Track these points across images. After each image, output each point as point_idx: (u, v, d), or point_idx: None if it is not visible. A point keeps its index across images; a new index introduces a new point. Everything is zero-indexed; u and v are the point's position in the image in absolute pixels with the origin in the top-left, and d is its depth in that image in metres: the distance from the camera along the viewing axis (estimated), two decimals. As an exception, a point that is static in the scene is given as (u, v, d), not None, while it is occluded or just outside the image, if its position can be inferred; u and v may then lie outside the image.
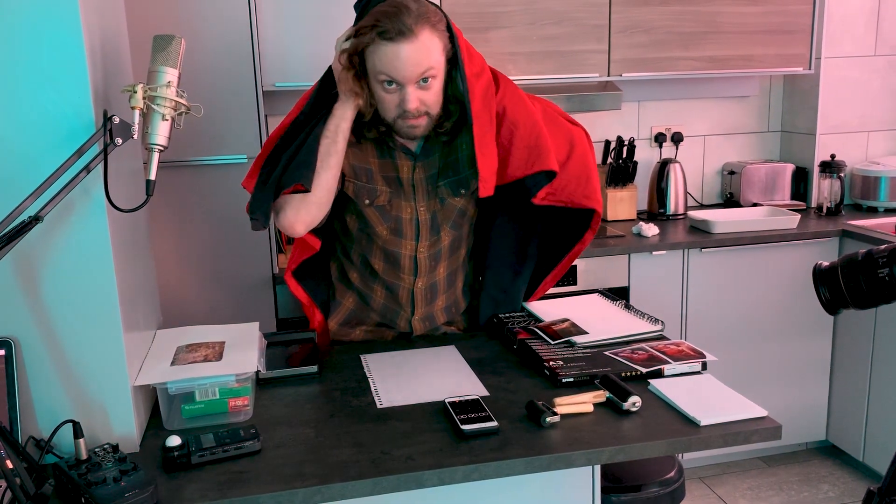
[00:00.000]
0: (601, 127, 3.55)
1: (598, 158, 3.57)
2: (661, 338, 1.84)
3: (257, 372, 1.64)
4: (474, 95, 1.71)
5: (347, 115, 1.72)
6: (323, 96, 1.77)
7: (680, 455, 2.95)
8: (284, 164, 1.70)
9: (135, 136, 1.30)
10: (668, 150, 3.65)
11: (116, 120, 1.28)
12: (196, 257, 2.68)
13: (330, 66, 1.76)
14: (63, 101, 1.30)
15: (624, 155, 3.40)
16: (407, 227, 1.86)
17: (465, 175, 1.87)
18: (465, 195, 1.89)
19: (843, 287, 1.32)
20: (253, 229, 1.72)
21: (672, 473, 1.81)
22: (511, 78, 1.85)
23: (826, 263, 1.37)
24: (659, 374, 1.63)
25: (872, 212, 3.49)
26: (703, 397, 1.52)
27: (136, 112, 1.30)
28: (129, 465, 1.26)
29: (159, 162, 1.35)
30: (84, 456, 1.29)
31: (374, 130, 1.78)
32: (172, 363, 1.54)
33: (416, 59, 1.63)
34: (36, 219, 1.22)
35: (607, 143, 3.45)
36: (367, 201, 1.84)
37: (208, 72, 2.58)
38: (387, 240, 1.88)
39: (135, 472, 1.24)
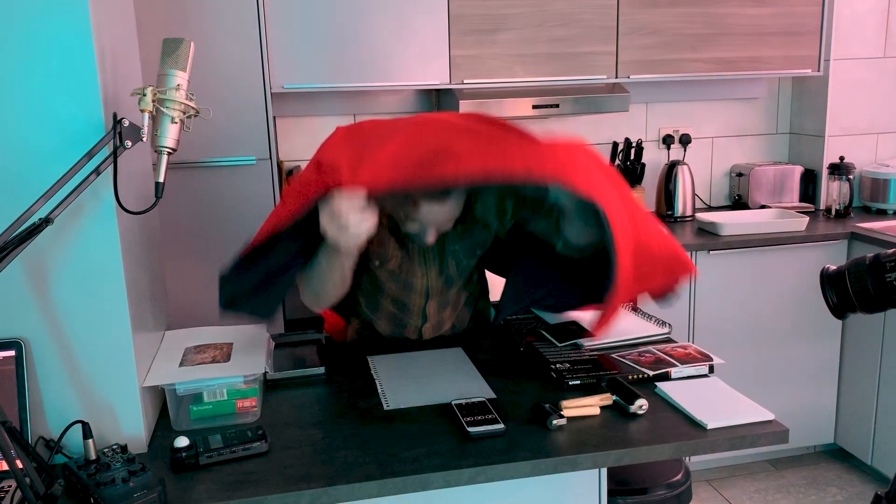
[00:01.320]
0: (609, 129, 3.55)
1: (606, 160, 3.56)
2: (669, 340, 1.84)
3: (265, 373, 1.65)
4: (623, 269, 1.55)
5: (351, 257, 1.64)
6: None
7: (687, 458, 2.95)
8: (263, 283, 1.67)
9: (144, 139, 1.31)
10: (675, 151, 3.64)
11: (126, 122, 1.29)
12: (204, 258, 2.69)
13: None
14: (73, 104, 1.31)
15: (632, 157, 3.40)
16: (417, 285, 1.85)
17: (482, 237, 1.86)
18: (480, 254, 1.89)
19: (851, 291, 1.31)
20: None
21: (679, 476, 1.81)
22: (519, 80, 1.81)
23: (833, 267, 1.36)
24: (666, 377, 1.63)
25: (881, 214, 3.47)
26: (710, 400, 1.52)
27: (146, 115, 1.30)
28: (137, 465, 1.27)
29: (168, 163, 1.36)
30: (93, 456, 1.30)
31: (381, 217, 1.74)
32: (181, 364, 1.54)
33: (451, 214, 1.67)
34: (46, 221, 1.23)
35: (615, 144, 3.45)
36: (377, 263, 1.82)
37: (217, 74, 2.59)
38: (395, 293, 1.87)
39: (143, 473, 1.25)
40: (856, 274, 1.31)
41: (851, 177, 3.41)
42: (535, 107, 2.98)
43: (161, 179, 1.34)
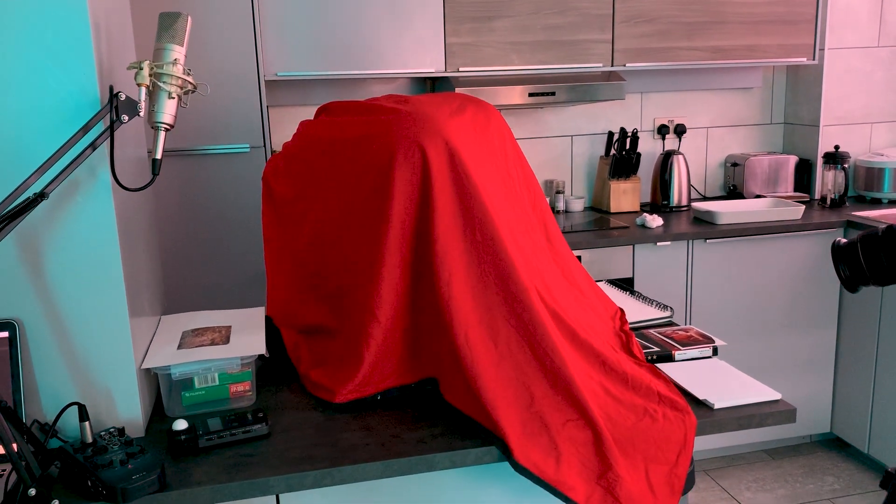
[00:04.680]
0: (604, 119, 3.54)
1: (601, 150, 3.55)
2: (670, 324, 1.83)
3: (262, 357, 1.62)
4: None
5: None
6: None
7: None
8: None
9: (141, 114, 1.28)
10: (671, 141, 3.64)
11: (123, 96, 1.26)
12: (199, 245, 2.66)
13: None
14: (68, 79, 1.27)
15: (627, 147, 3.39)
16: None
17: None
18: None
19: (864, 263, 1.30)
20: None
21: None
22: (515, 68, 1.77)
23: (844, 240, 1.35)
24: (669, 359, 1.62)
25: (876, 203, 3.47)
26: (715, 381, 1.51)
27: (143, 89, 1.27)
28: (135, 447, 1.24)
29: (164, 147, 1.32)
30: (90, 439, 1.27)
31: None
32: (179, 347, 1.51)
33: None
34: (41, 195, 1.19)
35: (610, 134, 3.43)
36: None
37: (210, 61, 2.55)
38: None
39: (142, 455, 1.22)
40: (868, 245, 1.29)
41: (846, 166, 3.41)
42: (530, 94, 2.96)
43: (158, 156, 1.31)
